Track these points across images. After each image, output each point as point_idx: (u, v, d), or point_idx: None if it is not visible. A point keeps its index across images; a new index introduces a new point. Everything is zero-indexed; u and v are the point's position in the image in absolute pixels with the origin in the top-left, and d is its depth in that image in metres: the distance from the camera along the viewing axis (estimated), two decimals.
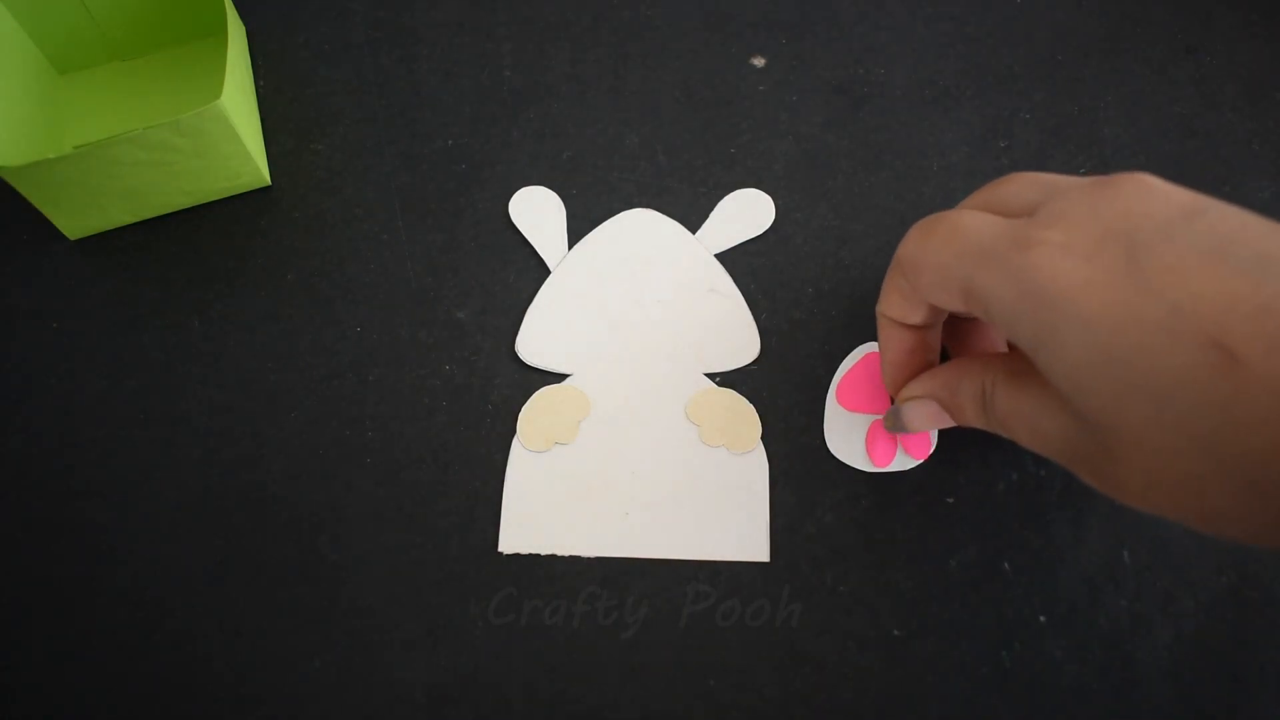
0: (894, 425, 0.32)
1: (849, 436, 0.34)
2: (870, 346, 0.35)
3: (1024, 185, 0.28)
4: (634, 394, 0.35)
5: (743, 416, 0.34)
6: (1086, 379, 0.24)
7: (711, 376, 0.35)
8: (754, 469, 0.34)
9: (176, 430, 0.35)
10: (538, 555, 0.33)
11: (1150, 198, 0.24)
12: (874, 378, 0.34)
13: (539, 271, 0.37)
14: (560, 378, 0.35)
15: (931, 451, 0.33)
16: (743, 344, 0.35)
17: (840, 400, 0.34)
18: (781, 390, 0.35)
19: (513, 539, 0.33)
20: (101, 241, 0.38)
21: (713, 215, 0.37)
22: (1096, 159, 0.38)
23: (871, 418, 0.34)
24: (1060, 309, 0.24)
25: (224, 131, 0.34)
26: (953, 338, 0.32)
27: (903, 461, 0.33)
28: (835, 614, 0.32)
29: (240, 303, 0.36)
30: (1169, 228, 0.23)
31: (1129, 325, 0.23)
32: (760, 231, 0.37)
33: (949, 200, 0.37)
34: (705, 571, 0.32)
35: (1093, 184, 0.25)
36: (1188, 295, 0.22)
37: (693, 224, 0.37)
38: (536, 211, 0.37)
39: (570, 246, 0.37)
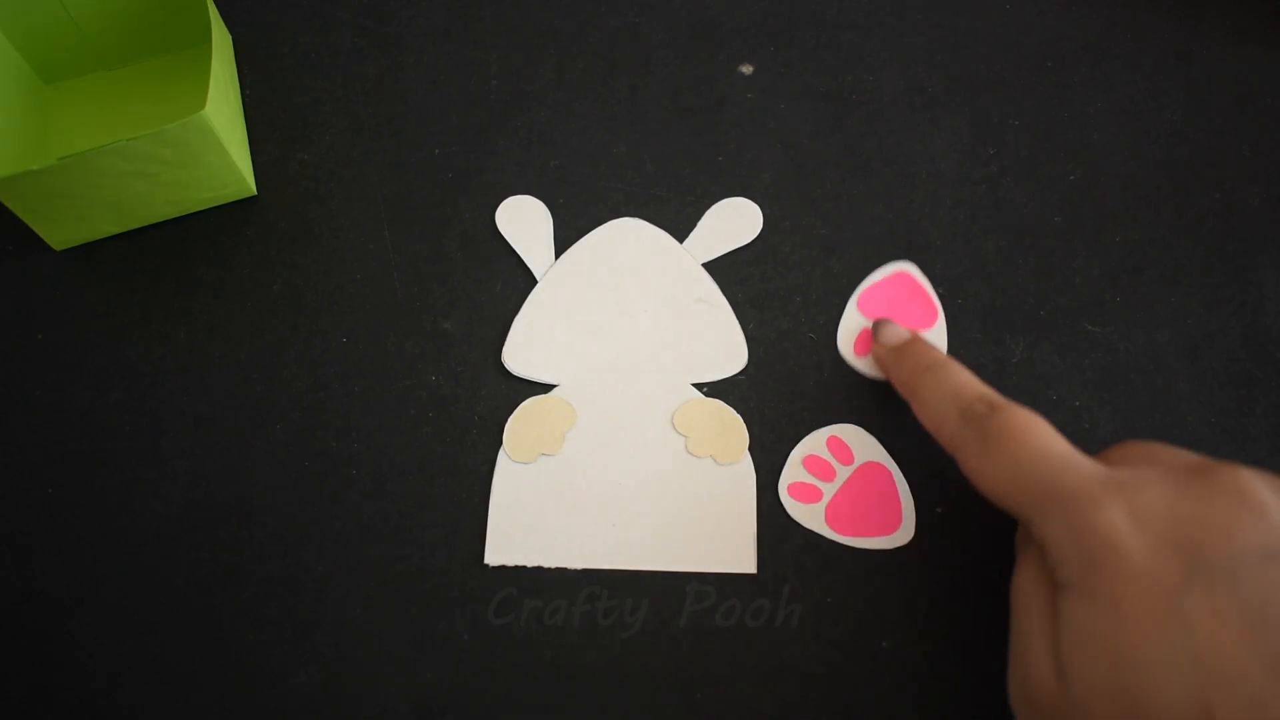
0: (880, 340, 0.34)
1: (860, 343, 0.35)
2: (899, 265, 0.36)
3: (1125, 449, 0.28)
4: (621, 404, 0.34)
5: (730, 427, 0.34)
6: (1084, 656, 0.24)
7: (699, 386, 0.35)
8: (741, 480, 0.33)
9: (161, 442, 0.35)
10: (524, 567, 0.33)
11: (1238, 518, 0.23)
12: (898, 295, 0.35)
13: (526, 281, 0.36)
14: (547, 388, 0.35)
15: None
16: (730, 354, 0.35)
17: (861, 308, 0.35)
18: (769, 400, 0.34)
19: (499, 551, 0.33)
20: (86, 252, 0.37)
21: (700, 224, 0.37)
22: (1086, 166, 0.37)
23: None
24: (1106, 581, 0.23)
25: (208, 142, 0.34)
26: None
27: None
28: (823, 625, 0.32)
29: (225, 313, 0.36)
30: (1234, 564, 0.23)
31: (1148, 645, 0.23)
32: (748, 240, 0.37)
33: (938, 208, 0.37)
34: (693, 582, 0.32)
35: (1189, 471, 0.24)
36: (1208, 649, 0.22)
37: (680, 233, 0.37)
38: (523, 221, 0.37)
39: (557, 256, 0.37)
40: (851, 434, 0.34)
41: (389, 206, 0.38)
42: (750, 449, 0.34)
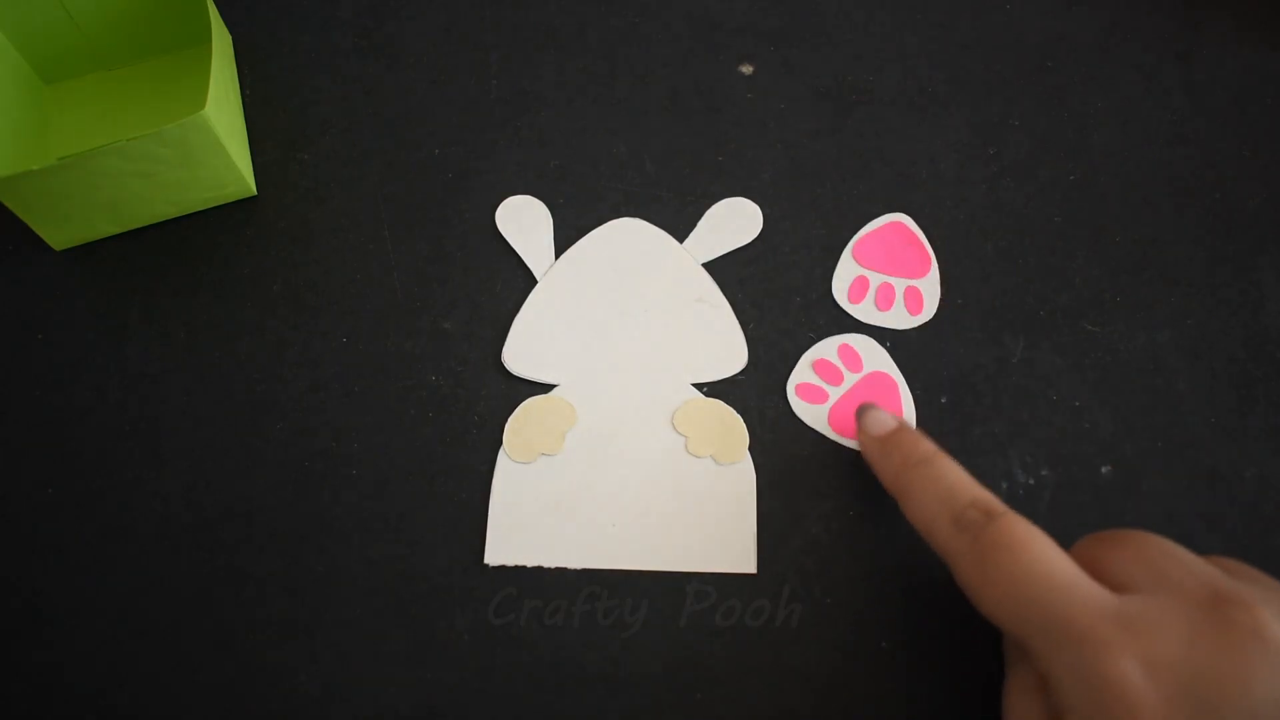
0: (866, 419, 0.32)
1: (855, 290, 0.35)
2: (894, 215, 0.36)
3: (1132, 553, 0.26)
4: (621, 404, 0.34)
5: (730, 427, 0.34)
6: None
7: (699, 386, 0.35)
8: (741, 480, 0.33)
9: (161, 442, 0.35)
10: (524, 567, 0.33)
11: (1257, 668, 0.22)
12: (892, 243, 0.36)
13: (526, 281, 0.36)
14: (547, 388, 0.35)
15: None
16: (730, 354, 0.35)
17: (855, 257, 0.35)
18: (769, 400, 0.34)
19: (499, 551, 0.33)
20: (86, 252, 0.37)
21: (700, 224, 0.37)
22: (1086, 166, 0.37)
23: (882, 277, 0.35)
24: None
25: (208, 142, 0.34)
26: None
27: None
28: (822, 625, 0.32)
29: (225, 313, 0.36)
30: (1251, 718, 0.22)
31: None
32: (748, 240, 0.37)
33: (938, 208, 0.37)
34: (693, 582, 0.32)
35: (1205, 608, 0.23)
36: None
37: (680, 233, 0.37)
38: (523, 221, 0.37)
39: (557, 256, 0.37)
40: (863, 344, 0.35)
41: (389, 206, 0.38)
42: (750, 449, 0.34)
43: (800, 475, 0.33)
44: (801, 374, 0.34)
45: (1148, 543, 0.26)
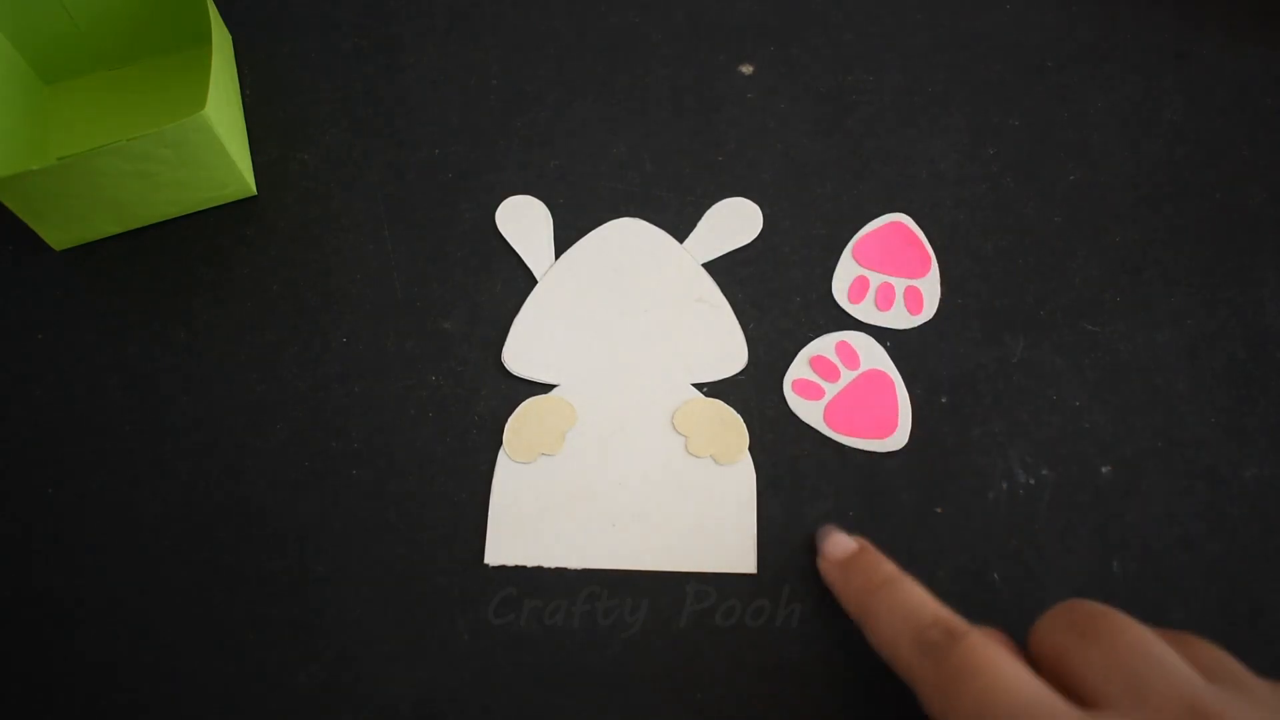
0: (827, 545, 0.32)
1: (855, 290, 0.35)
2: (893, 215, 0.36)
3: (1103, 653, 0.24)
4: (621, 404, 0.34)
5: (730, 427, 0.34)
6: None
7: (699, 386, 0.35)
8: (742, 480, 0.33)
9: (161, 442, 0.35)
10: (524, 567, 0.33)
11: None
12: (892, 243, 0.36)
13: (526, 281, 0.36)
14: (547, 388, 0.35)
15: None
16: (730, 353, 0.35)
17: (855, 257, 0.35)
18: (769, 400, 0.34)
19: (499, 551, 0.33)
20: (86, 252, 0.37)
21: (700, 224, 0.37)
22: (1086, 166, 0.37)
23: (882, 277, 0.35)
24: None
25: (208, 142, 0.34)
26: None
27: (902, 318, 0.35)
28: (823, 625, 0.32)
29: (225, 313, 0.36)
30: None
31: None
32: (748, 240, 0.37)
33: (938, 208, 0.37)
34: (693, 582, 0.32)
35: None
36: None
37: (680, 233, 0.37)
38: (523, 221, 0.37)
39: (557, 256, 0.37)
40: (861, 341, 0.35)
41: (389, 206, 0.38)
42: (750, 449, 0.34)
43: (800, 475, 0.33)
44: (798, 370, 0.34)
45: (1119, 639, 0.24)
